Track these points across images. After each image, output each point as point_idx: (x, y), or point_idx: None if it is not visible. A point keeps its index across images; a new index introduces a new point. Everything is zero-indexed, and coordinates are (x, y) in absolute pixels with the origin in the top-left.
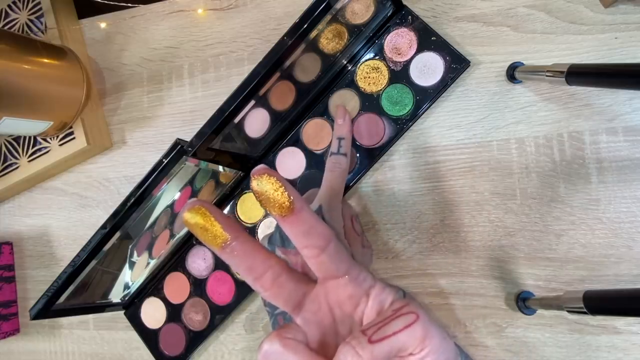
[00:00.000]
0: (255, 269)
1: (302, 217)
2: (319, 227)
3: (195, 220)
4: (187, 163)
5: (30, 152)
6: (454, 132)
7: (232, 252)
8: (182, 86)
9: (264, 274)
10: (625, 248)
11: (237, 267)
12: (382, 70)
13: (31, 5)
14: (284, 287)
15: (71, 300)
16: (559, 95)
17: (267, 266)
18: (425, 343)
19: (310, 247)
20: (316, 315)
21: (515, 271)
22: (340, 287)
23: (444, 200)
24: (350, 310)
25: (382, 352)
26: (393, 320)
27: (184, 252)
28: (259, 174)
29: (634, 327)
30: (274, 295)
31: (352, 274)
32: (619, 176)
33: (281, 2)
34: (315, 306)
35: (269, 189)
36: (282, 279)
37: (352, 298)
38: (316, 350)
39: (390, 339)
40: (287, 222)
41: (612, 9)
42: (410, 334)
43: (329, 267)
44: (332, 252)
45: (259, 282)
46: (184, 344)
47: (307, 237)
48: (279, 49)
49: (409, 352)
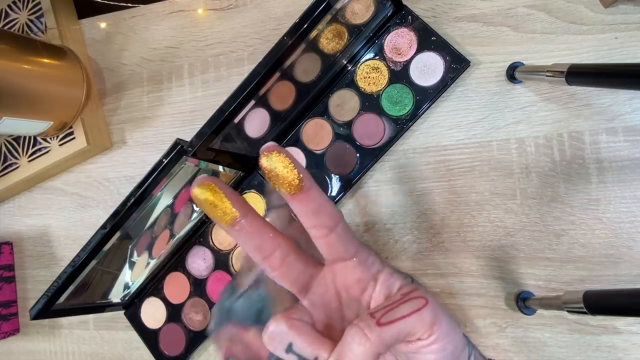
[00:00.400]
0: (264, 247)
1: (312, 195)
2: (328, 207)
3: (205, 196)
4: (187, 163)
5: (30, 152)
6: (454, 132)
7: (242, 229)
8: (182, 86)
9: (272, 253)
10: (625, 248)
11: (246, 245)
12: (382, 70)
13: (31, 5)
14: (292, 267)
15: (71, 300)
16: (559, 95)
17: (276, 244)
18: (434, 329)
19: (319, 226)
20: (323, 298)
21: (515, 271)
22: (348, 270)
23: (444, 200)
24: (358, 294)
25: (390, 335)
26: (402, 304)
27: (184, 252)
28: (268, 150)
29: (634, 327)
30: (282, 275)
31: (360, 257)
32: (619, 176)
33: (281, 2)
34: (322, 289)
35: (278, 165)
36: (291, 259)
37: (360, 282)
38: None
39: (399, 323)
40: (297, 200)
41: (612, 9)
42: (418, 319)
43: (338, 248)
44: (341, 232)
45: (268, 261)
46: (184, 344)
47: (316, 216)
48: (279, 49)
49: (417, 337)
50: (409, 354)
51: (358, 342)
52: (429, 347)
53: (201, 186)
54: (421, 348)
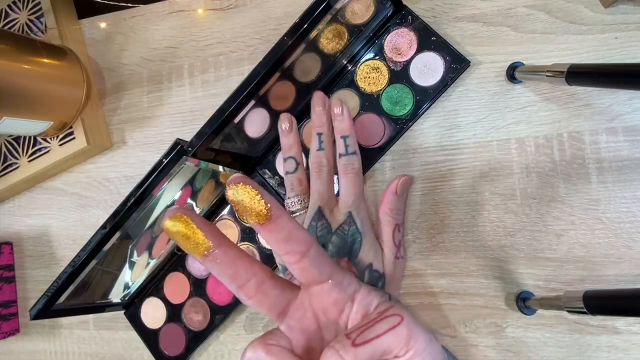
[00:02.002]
0: (239, 276)
1: (281, 224)
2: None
3: (177, 229)
4: (187, 163)
5: (30, 152)
6: (454, 132)
7: (215, 259)
8: (182, 86)
9: (247, 282)
10: (625, 248)
11: (220, 275)
12: (382, 70)
13: (31, 5)
14: (268, 294)
15: (71, 300)
16: (559, 95)
17: (251, 274)
18: (410, 345)
19: (291, 252)
20: (301, 322)
21: (515, 271)
22: (325, 292)
23: (444, 200)
24: (335, 315)
25: (365, 355)
26: (377, 322)
27: (184, 252)
28: (234, 182)
29: (634, 327)
30: (258, 302)
31: (335, 279)
32: (619, 176)
33: (281, 2)
34: (300, 313)
35: (244, 197)
36: (266, 286)
37: (337, 303)
38: (301, 356)
39: (374, 342)
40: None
41: (612, 9)
42: (394, 336)
43: (311, 272)
44: (314, 256)
45: (243, 290)
46: (184, 344)
47: (287, 243)
48: (279, 49)
49: (394, 354)
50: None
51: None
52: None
53: (173, 219)
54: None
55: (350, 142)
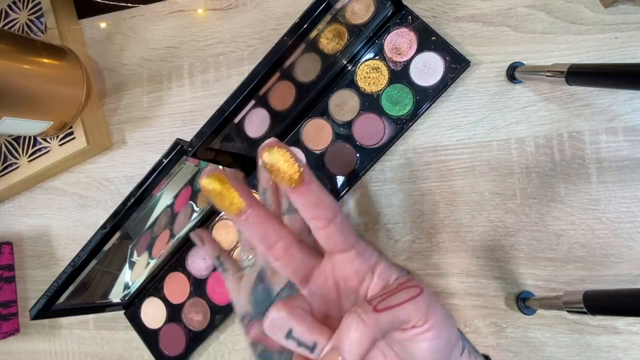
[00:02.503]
0: (268, 237)
1: (312, 188)
2: (327, 200)
3: (213, 187)
4: (187, 163)
5: (30, 152)
6: (454, 132)
7: (247, 219)
8: (182, 86)
9: (276, 243)
10: (625, 248)
11: (251, 234)
12: (382, 70)
13: (31, 5)
14: (294, 257)
15: (71, 300)
16: (559, 95)
17: (280, 236)
18: (429, 317)
19: (318, 217)
20: (322, 288)
21: (515, 271)
22: (347, 261)
23: (444, 200)
24: (356, 285)
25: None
26: (398, 292)
27: (184, 252)
28: (269, 146)
29: (634, 327)
30: (285, 264)
31: (358, 249)
32: (619, 176)
33: (281, 2)
34: (322, 279)
35: (279, 160)
36: (294, 250)
37: (358, 273)
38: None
39: (395, 310)
40: (297, 193)
41: (612, 9)
42: (414, 306)
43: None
44: (340, 224)
45: (272, 250)
46: (184, 344)
47: (316, 208)
48: (279, 49)
49: (412, 324)
50: (404, 342)
51: (355, 328)
52: (424, 335)
53: (209, 177)
54: (416, 335)
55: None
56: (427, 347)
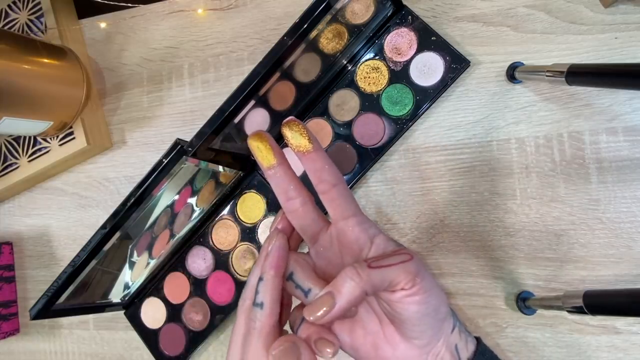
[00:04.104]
0: (290, 191)
1: (320, 155)
2: (332, 168)
3: (257, 143)
4: (187, 163)
5: (30, 152)
6: (454, 132)
7: (275, 173)
8: (182, 86)
9: (295, 198)
10: (625, 248)
11: (276, 187)
12: (382, 70)
13: (31, 5)
14: (308, 214)
15: (71, 300)
16: (559, 95)
17: (299, 193)
18: (417, 280)
19: (324, 182)
20: (327, 250)
21: (515, 271)
22: (349, 228)
23: (444, 200)
24: (356, 252)
25: (377, 277)
26: (391, 256)
27: (184, 252)
28: (289, 122)
29: (634, 327)
30: (298, 217)
31: (359, 218)
32: (619, 176)
33: (281, 2)
34: (327, 242)
35: (296, 134)
36: (308, 207)
37: (358, 241)
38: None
39: (385, 269)
40: (309, 158)
41: (612, 9)
42: (403, 269)
43: (340, 203)
44: (342, 190)
45: (289, 202)
46: (184, 344)
47: (322, 173)
48: (279, 49)
49: (401, 286)
50: (394, 304)
51: (351, 277)
52: (411, 298)
53: (254, 135)
54: (404, 297)
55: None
56: (415, 311)
